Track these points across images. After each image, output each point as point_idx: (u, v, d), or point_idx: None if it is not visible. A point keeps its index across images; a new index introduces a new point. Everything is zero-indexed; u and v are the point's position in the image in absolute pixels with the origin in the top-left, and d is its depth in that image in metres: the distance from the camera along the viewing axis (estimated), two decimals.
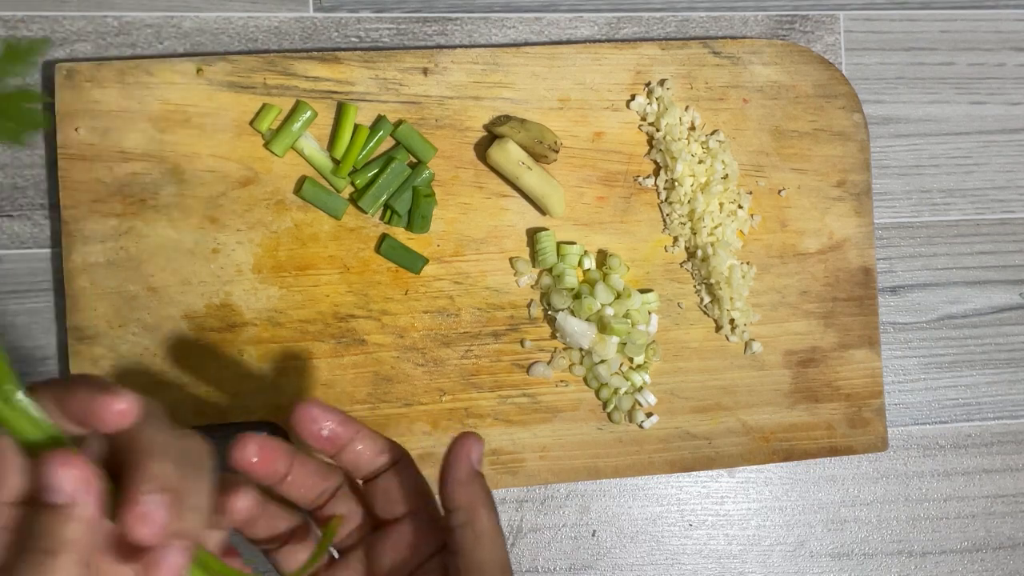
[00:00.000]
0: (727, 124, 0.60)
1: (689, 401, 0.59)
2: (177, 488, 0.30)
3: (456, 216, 0.57)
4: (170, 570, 0.30)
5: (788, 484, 0.62)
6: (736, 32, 0.62)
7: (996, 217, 0.65)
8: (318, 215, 0.56)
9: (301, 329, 0.56)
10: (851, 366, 0.61)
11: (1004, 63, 0.65)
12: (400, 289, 0.57)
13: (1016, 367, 0.64)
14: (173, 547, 0.30)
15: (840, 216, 0.61)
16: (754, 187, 0.60)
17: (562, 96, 0.58)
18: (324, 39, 0.58)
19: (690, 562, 0.61)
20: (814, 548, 0.62)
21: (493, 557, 0.37)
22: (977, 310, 0.64)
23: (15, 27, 0.56)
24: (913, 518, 0.63)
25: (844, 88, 0.61)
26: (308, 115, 0.55)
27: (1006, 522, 0.64)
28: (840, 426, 0.61)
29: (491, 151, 0.56)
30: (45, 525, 0.28)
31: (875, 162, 0.63)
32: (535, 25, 0.60)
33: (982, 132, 0.65)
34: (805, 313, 0.60)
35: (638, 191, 0.59)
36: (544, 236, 0.57)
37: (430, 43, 0.59)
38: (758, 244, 0.60)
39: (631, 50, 0.59)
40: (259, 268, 0.55)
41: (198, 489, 0.32)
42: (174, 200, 0.55)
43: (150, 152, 0.55)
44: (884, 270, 0.63)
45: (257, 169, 0.56)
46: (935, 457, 0.64)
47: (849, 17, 0.64)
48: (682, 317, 0.60)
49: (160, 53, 0.57)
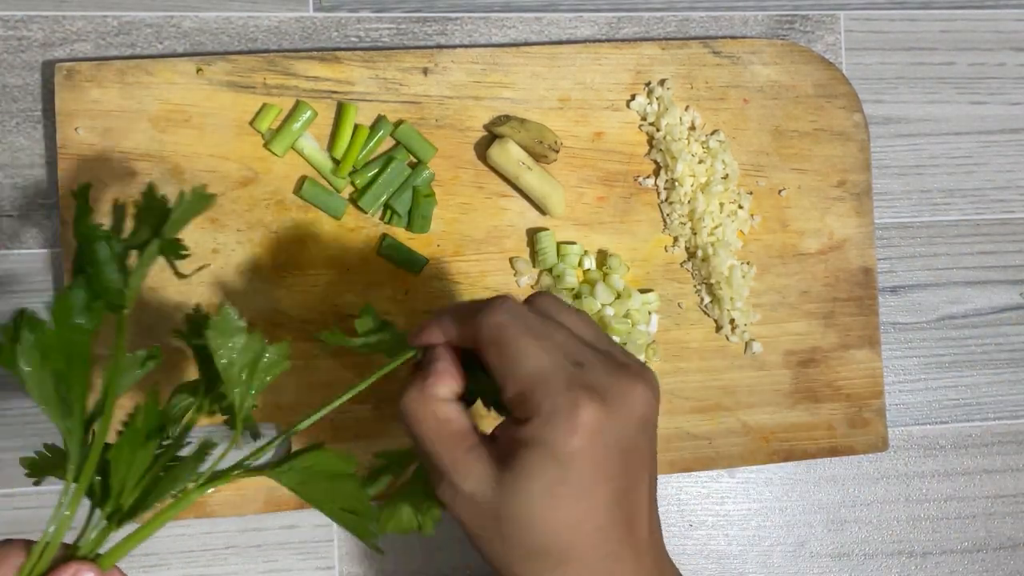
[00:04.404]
0: (727, 124, 0.60)
1: (689, 401, 0.59)
2: None
3: (456, 216, 0.57)
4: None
5: (788, 484, 0.62)
6: (736, 32, 0.62)
7: (996, 217, 0.65)
8: (318, 215, 0.56)
9: (301, 329, 0.56)
10: (851, 366, 0.61)
11: (1004, 63, 0.65)
12: (400, 289, 0.57)
13: (1016, 367, 0.64)
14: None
15: (840, 216, 0.61)
16: (754, 187, 0.60)
17: (562, 96, 0.58)
18: (324, 39, 0.58)
19: (690, 562, 0.61)
20: (814, 548, 0.62)
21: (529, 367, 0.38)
22: (977, 310, 0.64)
23: (15, 27, 0.56)
24: (914, 518, 0.63)
25: (844, 88, 0.61)
26: (308, 115, 0.55)
27: (1007, 522, 0.64)
28: (840, 426, 0.60)
29: (491, 151, 0.56)
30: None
31: (875, 162, 0.63)
32: (535, 25, 0.60)
33: (982, 132, 0.65)
34: (805, 313, 0.60)
35: (638, 191, 0.59)
36: (544, 236, 0.57)
37: (430, 43, 0.59)
38: (758, 244, 0.60)
39: (631, 50, 0.59)
40: (259, 268, 0.55)
41: None
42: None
43: (150, 152, 0.55)
44: (884, 270, 0.63)
45: (257, 169, 0.56)
46: (936, 457, 0.64)
47: (849, 17, 0.64)
48: (682, 317, 0.60)
49: (160, 53, 0.57)
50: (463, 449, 0.38)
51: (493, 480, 0.37)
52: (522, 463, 0.36)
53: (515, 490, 0.36)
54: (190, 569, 0.56)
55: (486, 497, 0.37)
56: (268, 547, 0.57)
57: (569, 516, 0.36)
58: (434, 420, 0.39)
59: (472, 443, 0.38)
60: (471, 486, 0.37)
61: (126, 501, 0.35)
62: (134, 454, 0.35)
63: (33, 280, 0.55)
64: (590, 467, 0.36)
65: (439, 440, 0.38)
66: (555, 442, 0.36)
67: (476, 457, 0.38)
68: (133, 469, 0.35)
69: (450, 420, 0.39)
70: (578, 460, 0.36)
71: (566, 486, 0.36)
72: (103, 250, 0.36)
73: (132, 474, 0.35)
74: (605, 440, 0.37)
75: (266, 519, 0.57)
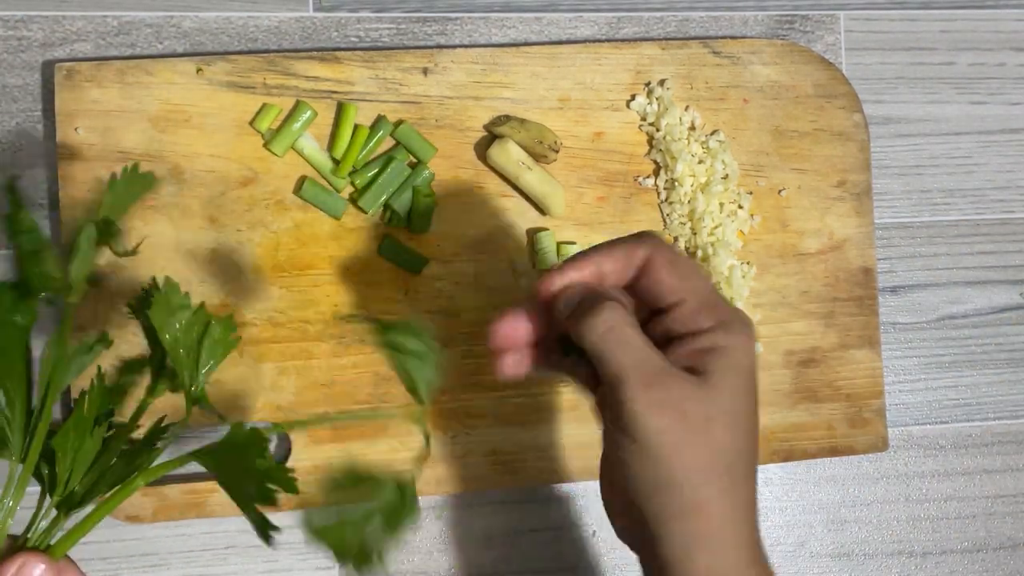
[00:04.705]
0: (727, 124, 0.60)
1: None
2: None
3: (456, 216, 0.57)
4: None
5: (788, 484, 0.62)
6: (736, 32, 0.62)
7: (996, 217, 0.65)
8: (318, 215, 0.56)
9: (301, 329, 0.56)
10: (851, 366, 0.61)
11: (1004, 63, 0.65)
12: (400, 289, 0.57)
13: (1016, 367, 0.64)
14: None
15: (840, 216, 0.61)
16: (754, 187, 0.60)
17: (562, 96, 0.58)
18: (324, 39, 0.58)
19: None
20: (814, 548, 0.62)
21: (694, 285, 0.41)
22: (977, 310, 0.64)
23: (15, 27, 0.56)
24: (913, 518, 0.63)
25: (844, 88, 0.61)
26: (308, 115, 0.55)
27: (1007, 522, 0.64)
28: (840, 426, 0.60)
29: (491, 151, 0.56)
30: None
31: (875, 162, 0.63)
32: (535, 25, 0.60)
33: (982, 132, 0.65)
34: (805, 313, 0.60)
35: (638, 191, 0.59)
36: (544, 236, 0.57)
37: (430, 43, 0.59)
38: (758, 244, 0.60)
39: (631, 50, 0.59)
40: (259, 268, 0.55)
41: None
42: (174, 200, 0.55)
43: (150, 152, 0.55)
44: (884, 270, 0.63)
45: (257, 169, 0.56)
46: (935, 457, 0.64)
47: (849, 17, 0.64)
48: None
49: (160, 53, 0.57)
50: (665, 364, 0.39)
51: (695, 386, 0.38)
52: (716, 366, 0.39)
53: (721, 388, 0.38)
54: (190, 569, 0.56)
55: (699, 397, 0.38)
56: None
57: (752, 420, 0.40)
58: (639, 338, 0.39)
59: (663, 359, 0.39)
60: (684, 389, 0.38)
61: (75, 488, 0.35)
62: (81, 440, 0.35)
63: None
64: (756, 379, 0.40)
65: (651, 351, 0.39)
66: (740, 347, 0.39)
67: (675, 371, 0.39)
68: (81, 455, 0.35)
69: (646, 340, 0.39)
70: (752, 372, 0.40)
71: (747, 395, 0.39)
72: (32, 241, 0.36)
73: (80, 461, 0.35)
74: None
75: None
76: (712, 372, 0.38)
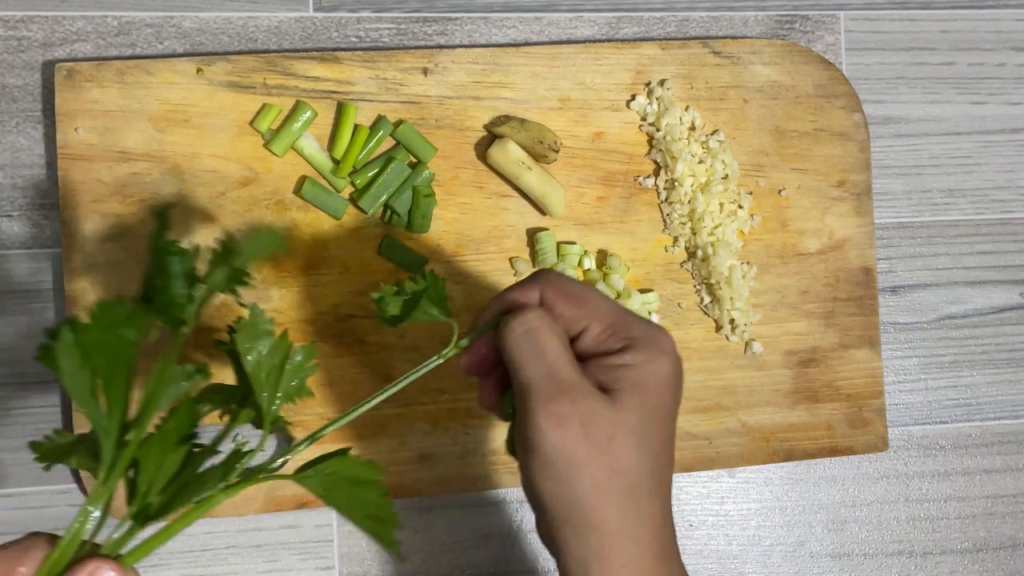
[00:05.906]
0: (727, 124, 0.60)
1: (689, 401, 0.59)
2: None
3: (456, 216, 0.57)
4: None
5: (788, 484, 0.62)
6: (736, 32, 0.62)
7: (996, 217, 0.65)
8: (318, 215, 0.56)
9: (301, 329, 0.56)
10: (851, 366, 0.61)
11: (1004, 63, 0.65)
12: None
13: (1016, 367, 0.64)
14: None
15: (840, 216, 0.61)
16: (754, 187, 0.60)
17: (562, 96, 0.58)
18: (324, 39, 0.58)
19: (690, 562, 0.61)
20: (814, 548, 0.62)
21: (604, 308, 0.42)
22: (977, 310, 0.64)
23: (15, 27, 0.56)
24: (913, 518, 0.63)
25: (844, 88, 0.61)
26: (308, 115, 0.55)
27: (1007, 522, 0.64)
28: (840, 426, 0.60)
29: (491, 151, 0.56)
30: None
31: (875, 162, 0.63)
32: (535, 25, 0.60)
33: (982, 132, 0.65)
34: (805, 313, 0.60)
35: (638, 191, 0.59)
36: (544, 236, 0.57)
37: (430, 43, 0.59)
38: (758, 244, 0.60)
39: (631, 50, 0.59)
40: (259, 268, 0.55)
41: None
42: (174, 200, 0.55)
43: (150, 152, 0.55)
44: (884, 270, 0.63)
45: (257, 169, 0.56)
46: (935, 457, 0.64)
47: (849, 17, 0.64)
48: (682, 317, 0.60)
49: (160, 53, 0.57)
50: (579, 373, 0.39)
51: (602, 403, 0.39)
52: (625, 384, 0.39)
53: (628, 407, 0.39)
54: (190, 569, 0.56)
55: (605, 413, 0.38)
56: (268, 547, 0.57)
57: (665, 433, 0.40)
58: (558, 347, 0.40)
59: (578, 373, 0.40)
60: (590, 405, 0.38)
61: (152, 502, 0.35)
62: (164, 455, 0.36)
63: (33, 280, 0.55)
64: (671, 398, 0.40)
65: (565, 362, 0.39)
66: (648, 365, 0.39)
67: (585, 386, 0.39)
68: (162, 470, 0.36)
69: (567, 348, 0.40)
70: (663, 388, 0.40)
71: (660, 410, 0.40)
72: (175, 265, 0.37)
73: (160, 475, 0.36)
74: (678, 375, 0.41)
75: (266, 519, 0.57)
76: (620, 390, 0.39)
